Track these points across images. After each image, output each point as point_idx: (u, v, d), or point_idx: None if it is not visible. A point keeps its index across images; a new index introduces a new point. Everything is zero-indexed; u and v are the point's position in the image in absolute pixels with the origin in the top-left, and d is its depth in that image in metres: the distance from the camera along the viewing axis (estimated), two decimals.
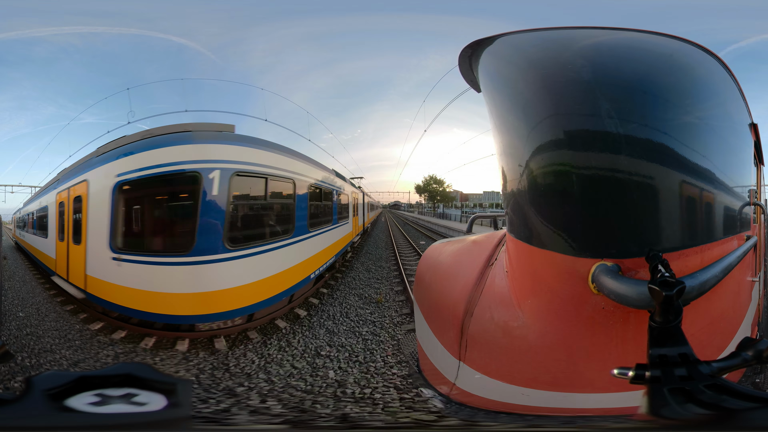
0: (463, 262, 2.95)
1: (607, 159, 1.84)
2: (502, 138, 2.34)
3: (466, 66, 2.64)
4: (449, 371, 2.50)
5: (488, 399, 2.22)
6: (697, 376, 1.34)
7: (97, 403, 1.21)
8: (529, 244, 2.15)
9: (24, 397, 1.19)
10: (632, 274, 1.82)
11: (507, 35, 2.28)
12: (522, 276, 2.27)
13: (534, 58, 2.17)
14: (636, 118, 1.88)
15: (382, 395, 4.50)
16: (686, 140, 1.97)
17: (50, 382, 1.24)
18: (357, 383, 4.89)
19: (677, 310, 1.46)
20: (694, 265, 1.89)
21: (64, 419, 1.15)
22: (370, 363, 5.56)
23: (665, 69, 2.05)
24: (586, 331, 1.95)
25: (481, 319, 2.36)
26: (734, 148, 2.48)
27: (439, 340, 2.70)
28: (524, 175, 2.14)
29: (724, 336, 2.36)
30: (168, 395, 1.28)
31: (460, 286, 2.61)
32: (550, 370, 2.05)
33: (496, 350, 2.28)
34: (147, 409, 1.22)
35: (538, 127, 2.05)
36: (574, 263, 1.91)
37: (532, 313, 2.15)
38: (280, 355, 5.94)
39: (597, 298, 1.87)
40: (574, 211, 1.92)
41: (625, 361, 1.43)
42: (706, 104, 2.23)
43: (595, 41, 2.07)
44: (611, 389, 1.85)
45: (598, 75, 1.93)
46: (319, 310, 8.37)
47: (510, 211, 2.35)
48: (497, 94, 2.41)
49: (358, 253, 17.02)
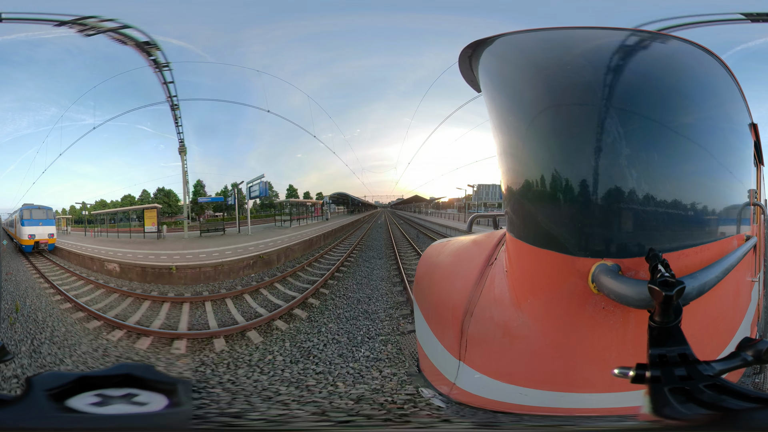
0: (462, 261, 2.95)
1: (607, 159, 1.84)
2: (503, 138, 2.34)
3: (466, 66, 2.64)
4: (449, 371, 2.49)
5: (488, 399, 2.22)
6: (697, 376, 1.34)
7: (97, 404, 1.21)
8: (529, 243, 2.15)
9: (24, 398, 1.18)
10: (632, 274, 1.82)
11: (507, 35, 2.28)
12: (522, 276, 2.26)
13: (534, 58, 2.17)
14: (636, 118, 1.88)
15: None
16: (686, 140, 1.97)
17: (50, 382, 1.24)
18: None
19: (677, 310, 1.46)
20: (694, 265, 1.89)
21: (64, 419, 1.15)
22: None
23: (666, 69, 2.05)
24: (586, 331, 1.95)
25: (481, 318, 2.36)
26: (734, 148, 2.48)
27: (439, 340, 2.70)
28: (524, 175, 2.14)
29: (724, 336, 2.36)
30: (168, 395, 1.28)
31: (460, 286, 2.60)
32: (551, 370, 2.05)
33: (496, 350, 2.28)
34: (147, 409, 1.22)
35: (538, 127, 2.05)
36: (574, 263, 1.91)
37: (532, 312, 2.15)
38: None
39: (597, 297, 1.87)
40: (574, 211, 1.92)
41: (625, 360, 1.43)
42: (706, 104, 2.23)
43: (596, 41, 2.07)
44: (611, 389, 1.85)
45: (598, 75, 1.93)
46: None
47: (510, 210, 2.35)
48: (497, 94, 2.41)
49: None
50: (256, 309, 8.63)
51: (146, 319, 8.09)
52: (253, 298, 9.45)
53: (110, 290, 9.80)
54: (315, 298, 9.34)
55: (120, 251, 12.13)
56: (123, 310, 8.63)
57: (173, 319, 8.18)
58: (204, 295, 9.43)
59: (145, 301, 9.05)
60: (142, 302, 9.03)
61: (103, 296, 9.56)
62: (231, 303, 9.03)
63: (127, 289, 9.78)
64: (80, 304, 8.59)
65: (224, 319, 8.15)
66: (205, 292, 9.78)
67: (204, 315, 8.41)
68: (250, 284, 10.30)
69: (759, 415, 1.21)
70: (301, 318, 8.10)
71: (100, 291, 9.87)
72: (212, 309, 8.73)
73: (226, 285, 10.32)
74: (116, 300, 9.30)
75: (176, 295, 9.44)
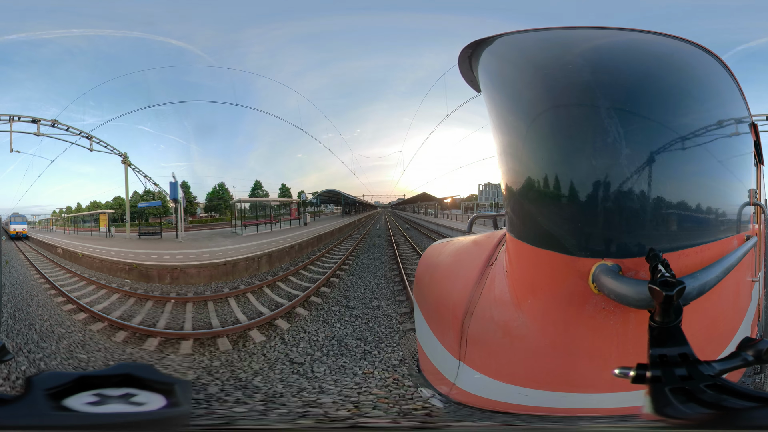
0: (463, 261, 2.95)
1: (607, 159, 1.84)
2: (502, 138, 2.34)
3: (466, 66, 2.64)
4: (449, 371, 2.49)
5: (488, 399, 2.22)
6: (698, 376, 1.34)
7: (96, 403, 1.21)
8: (529, 243, 2.15)
9: (24, 397, 1.18)
10: (632, 274, 1.82)
11: (507, 35, 2.28)
12: (522, 276, 2.26)
13: (534, 58, 2.17)
14: (636, 118, 1.88)
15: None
16: (686, 140, 1.97)
17: (50, 381, 1.24)
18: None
19: (677, 310, 1.46)
20: (694, 265, 1.89)
21: (64, 419, 1.15)
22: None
23: (665, 69, 2.05)
24: (586, 331, 1.95)
25: (481, 319, 2.35)
26: (734, 148, 2.48)
27: (439, 340, 2.70)
28: (524, 175, 2.14)
29: (724, 336, 2.35)
30: (167, 395, 1.28)
31: (460, 286, 2.60)
32: (551, 370, 2.05)
33: (496, 350, 2.28)
34: (146, 408, 1.22)
35: (538, 127, 2.05)
36: (575, 263, 1.91)
37: (532, 313, 2.15)
38: None
39: (597, 297, 1.87)
40: (574, 211, 1.92)
41: (625, 360, 1.43)
42: (706, 104, 2.23)
43: (596, 41, 2.07)
44: (612, 389, 1.85)
45: (598, 75, 1.93)
46: None
47: (510, 211, 2.35)
48: (497, 94, 2.41)
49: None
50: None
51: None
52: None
53: (54, 260, 15.07)
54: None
55: (69, 242, 16.87)
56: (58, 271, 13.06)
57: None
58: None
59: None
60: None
61: (49, 262, 15.05)
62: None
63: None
64: (35, 267, 13.89)
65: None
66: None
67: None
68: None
69: (759, 414, 1.21)
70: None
71: (49, 261, 15.28)
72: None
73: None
74: (55, 261, 14.86)
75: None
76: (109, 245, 15.20)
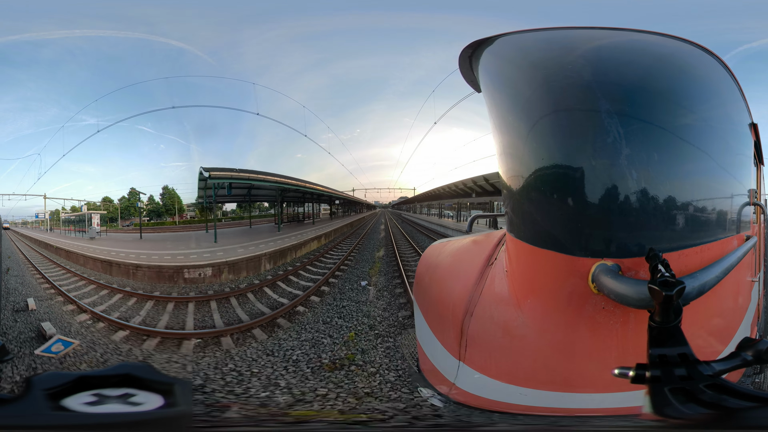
0: (463, 261, 2.95)
1: (607, 159, 1.84)
2: (503, 138, 2.34)
3: (467, 66, 2.64)
4: (449, 371, 2.49)
5: (488, 399, 2.22)
6: (697, 376, 1.34)
7: (95, 403, 1.21)
8: (529, 243, 2.15)
9: (24, 397, 1.19)
10: (632, 273, 1.82)
11: (507, 35, 2.28)
12: (522, 276, 2.26)
13: (535, 59, 2.17)
14: (636, 118, 1.88)
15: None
16: (686, 140, 1.97)
17: (50, 382, 1.24)
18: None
19: (677, 310, 1.46)
20: (694, 265, 1.89)
21: (64, 419, 1.15)
22: None
23: (666, 69, 2.05)
24: (586, 331, 1.95)
25: (481, 319, 2.35)
26: (734, 148, 2.48)
27: (439, 340, 2.70)
28: (524, 174, 2.14)
29: (724, 336, 2.35)
30: (166, 395, 1.28)
31: (460, 286, 2.60)
32: (550, 370, 2.05)
33: (495, 350, 2.28)
34: (145, 408, 1.22)
35: (539, 127, 2.04)
36: (574, 263, 1.90)
37: (532, 312, 2.14)
38: None
39: (597, 297, 1.87)
40: (574, 211, 1.92)
41: (625, 360, 1.43)
42: (706, 104, 2.23)
43: (596, 42, 2.07)
44: (611, 389, 1.85)
45: (598, 75, 1.93)
46: None
47: (510, 211, 2.35)
48: (497, 94, 2.41)
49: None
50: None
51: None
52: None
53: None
54: None
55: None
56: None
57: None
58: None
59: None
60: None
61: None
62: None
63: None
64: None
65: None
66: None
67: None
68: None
69: (759, 415, 1.21)
70: None
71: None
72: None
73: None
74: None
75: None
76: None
